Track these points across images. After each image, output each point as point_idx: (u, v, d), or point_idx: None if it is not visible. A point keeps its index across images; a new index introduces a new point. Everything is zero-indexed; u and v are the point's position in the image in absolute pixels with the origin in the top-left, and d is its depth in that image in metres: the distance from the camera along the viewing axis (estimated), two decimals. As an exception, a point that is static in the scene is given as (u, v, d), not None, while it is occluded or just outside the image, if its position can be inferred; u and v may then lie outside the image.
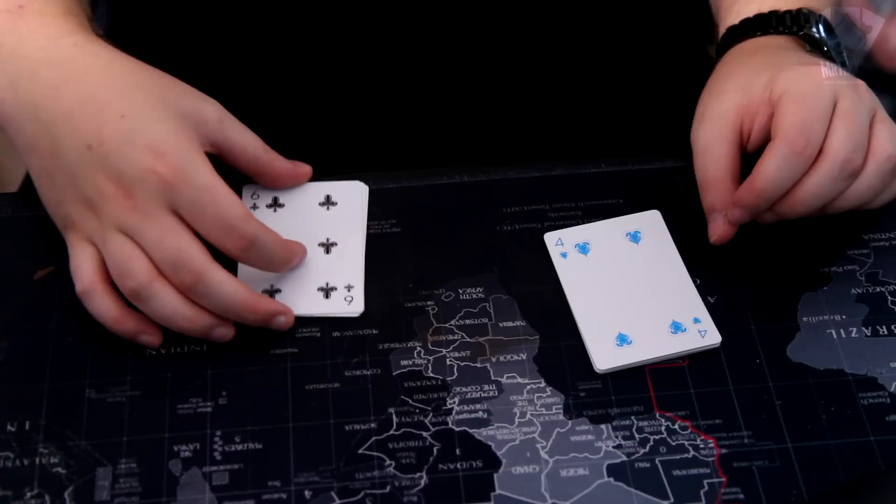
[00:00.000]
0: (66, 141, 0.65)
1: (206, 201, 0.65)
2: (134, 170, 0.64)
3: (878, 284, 0.73)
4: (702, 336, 0.69)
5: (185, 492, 0.63)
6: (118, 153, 0.64)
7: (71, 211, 0.66)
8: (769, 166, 0.69)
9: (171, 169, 0.64)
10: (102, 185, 0.65)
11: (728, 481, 0.64)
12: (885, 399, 0.68)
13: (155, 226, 0.64)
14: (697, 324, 0.69)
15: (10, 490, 0.63)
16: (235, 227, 0.65)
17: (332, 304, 0.70)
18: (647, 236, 0.74)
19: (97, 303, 0.66)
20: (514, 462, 0.65)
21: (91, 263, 0.66)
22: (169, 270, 0.65)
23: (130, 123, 0.65)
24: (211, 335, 0.67)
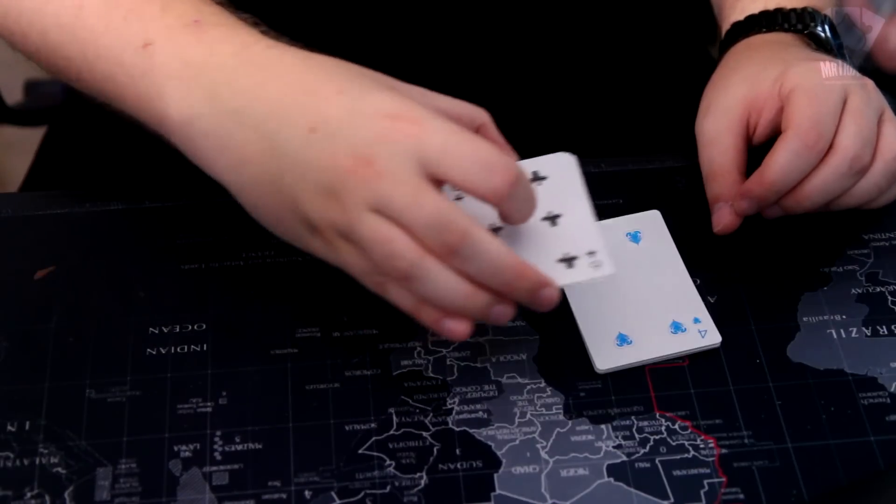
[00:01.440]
0: (285, 133, 0.59)
1: (458, 140, 0.58)
2: (370, 135, 0.58)
3: (878, 284, 0.73)
4: (702, 336, 0.69)
5: (185, 492, 0.63)
6: (348, 124, 0.58)
7: (310, 209, 0.59)
8: (780, 159, 0.69)
9: (410, 121, 0.58)
10: (339, 163, 0.58)
11: (728, 481, 0.64)
12: (885, 399, 0.68)
13: (406, 189, 0.57)
14: (697, 324, 0.69)
15: (10, 490, 0.63)
16: (498, 160, 0.58)
17: (579, 271, 0.64)
18: (647, 236, 0.74)
19: (403, 294, 0.60)
20: (514, 462, 0.65)
21: (368, 263, 0.59)
22: (431, 235, 0.57)
23: (351, 96, 0.59)
24: (490, 314, 0.60)
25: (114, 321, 0.70)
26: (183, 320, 0.70)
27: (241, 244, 0.74)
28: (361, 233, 0.58)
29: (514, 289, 0.60)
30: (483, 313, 0.60)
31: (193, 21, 0.63)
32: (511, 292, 0.60)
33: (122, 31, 0.64)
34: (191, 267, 0.73)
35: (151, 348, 0.69)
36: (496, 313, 0.60)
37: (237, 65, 0.62)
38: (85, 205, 0.76)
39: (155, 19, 0.64)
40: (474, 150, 0.58)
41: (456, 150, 0.58)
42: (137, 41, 0.63)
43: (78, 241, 0.74)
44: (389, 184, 0.57)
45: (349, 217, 0.58)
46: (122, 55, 0.64)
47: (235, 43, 0.63)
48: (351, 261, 0.60)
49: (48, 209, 0.76)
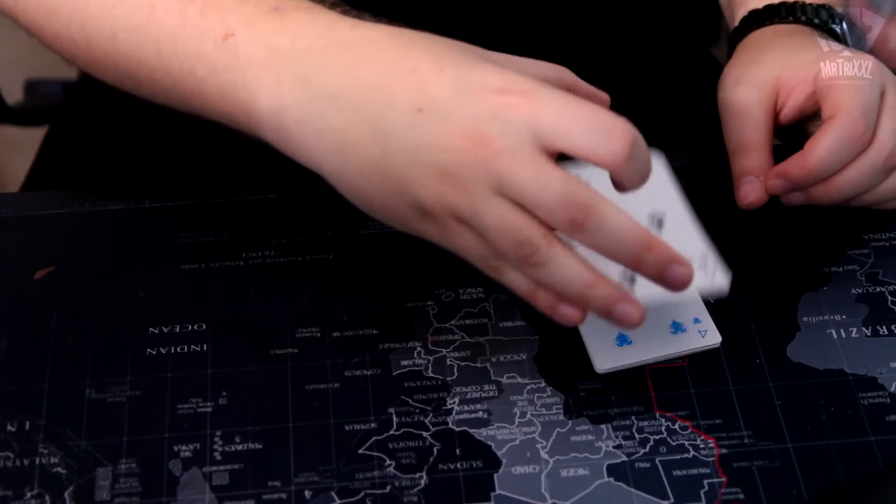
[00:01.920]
0: (389, 116, 0.57)
1: (572, 108, 0.56)
2: (482, 111, 0.56)
3: (878, 284, 0.73)
4: (702, 336, 0.69)
5: (185, 492, 0.63)
6: (456, 103, 0.56)
7: (422, 194, 0.57)
8: (827, 144, 0.68)
9: (520, 92, 0.56)
10: (452, 142, 0.56)
11: (728, 481, 0.64)
12: (885, 399, 0.68)
13: (528, 167, 0.55)
14: (697, 324, 0.69)
15: (10, 490, 0.63)
16: (613, 123, 0.56)
17: (687, 340, 0.68)
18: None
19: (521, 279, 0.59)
20: (514, 462, 0.65)
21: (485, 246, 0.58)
22: (558, 211, 0.56)
23: (455, 72, 0.57)
24: (614, 310, 0.58)
25: (114, 321, 0.70)
26: (183, 320, 0.70)
27: (241, 244, 0.74)
28: (487, 219, 0.56)
29: (643, 261, 0.58)
30: (605, 307, 0.58)
31: (273, 8, 0.61)
32: (640, 266, 0.58)
33: (199, 24, 0.62)
34: (191, 267, 0.73)
35: (151, 348, 0.69)
36: (620, 310, 0.59)
37: (326, 46, 0.59)
38: (85, 205, 0.76)
39: (233, 10, 0.61)
40: (589, 116, 0.56)
41: (571, 118, 0.56)
42: (217, 34, 0.61)
43: (78, 241, 0.74)
44: (510, 162, 0.55)
45: (472, 201, 0.56)
46: (202, 49, 0.61)
47: (320, 24, 0.60)
48: (469, 245, 0.58)
49: (48, 209, 0.76)
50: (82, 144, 0.97)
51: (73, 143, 0.98)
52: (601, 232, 0.56)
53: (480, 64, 0.58)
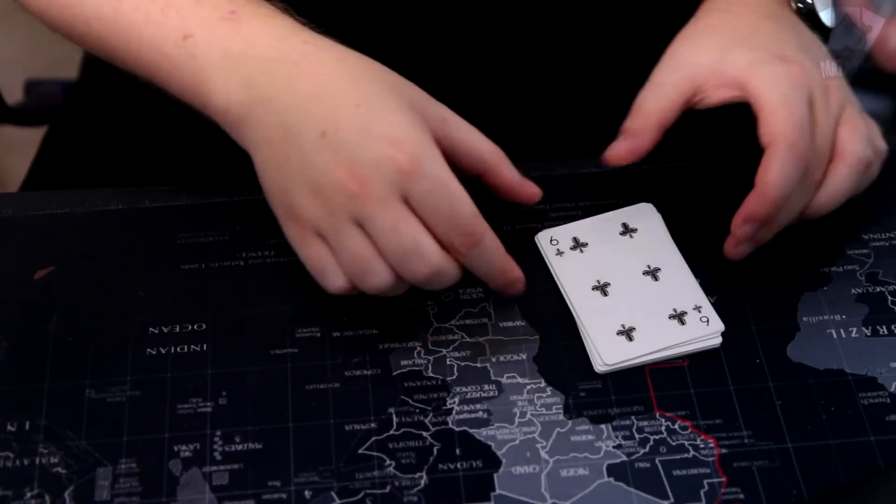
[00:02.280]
0: (300, 129, 0.64)
1: (440, 193, 0.63)
2: (370, 157, 0.63)
3: (878, 284, 0.73)
4: (705, 324, 0.69)
5: (185, 492, 0.63)
6: (354, 140, 0.63)
7: (297, 200, 0.65)
8: (777, 173, 0.68)
9: (408, 158, 0.63)
10: (335, 171, 0.63)
11: (728, 481, 0.64)
12: (885, 399, 0.68)
13: (388, 214, 0.63)
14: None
15: (10, 490, 0.63)
16: (466, 223, 0.64)
17: (690, 329, 0.69)
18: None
19: (374, 280, 0.66)
20: (514, 462, 0.65)
21: (331, 259, 0.66)
22: (402, 260, 0.64)
23: (367, 112, 0.64)
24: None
25: (114, 321, 0.70)
26: (183, 320, 0.70)
27: (241, 244, 0.74)
28: (342, 241, 0.65)
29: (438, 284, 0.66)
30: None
31: (229, 12, 0.68)
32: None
33: (161, 23, 0.69)
34: (191, 267, 0.73)
35: (151, 348, 0.69)
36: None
37: (274, 57, 0.67)
38: (85, 205, 0.76)
39: (191, 12, 0.68)
40: (450, 207, 0.64)
41: (434, 202, 0.63)
42: (177, 33, 0.68)
43: (78, 241, 0.74)
44: (373, 205, 0.63)
45: (333, 222, 0.64)
46: (164, 46, 0.69)
47: (272, 35, 0.67)
48: (316, 257, 0.66)
49: (48, 209, 0.76)
50: (82, 144, 0.97)
51: (72, 143, 0.98)
52: (439, 286, 0.66)
53: (394, 112, 0.65)
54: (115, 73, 0.97)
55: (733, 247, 0.71)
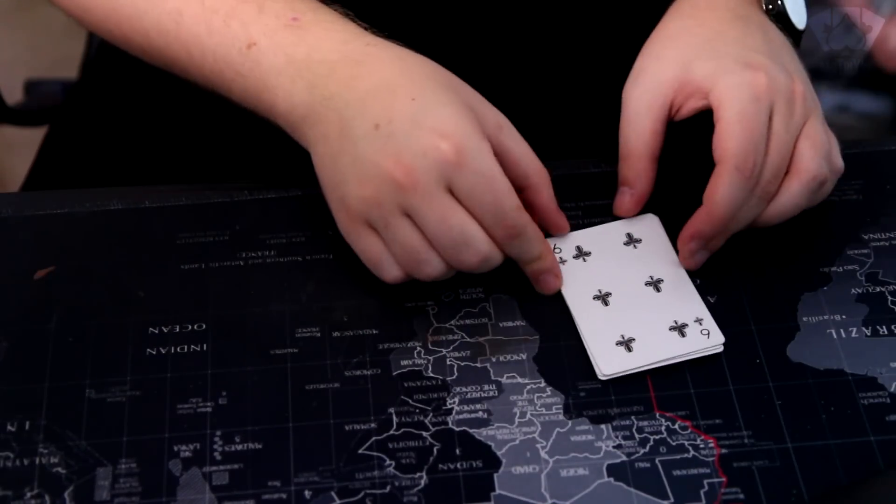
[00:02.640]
0: (356, 122, 0.66)
1: (485, 186, 0.65)
2: (418, 147, 0.64)
3: (878, 284, 0.73)
4: (705, 337, 0.69)
5: (185, 492, 0.63)
6: (404, 132, 0.65)
7: (348, 192, 0.66)
8: (723, 192, 0.69)
9: (455, 150, 0.64)
10: (384, 162, 0.65)
11: (728, 481, 0.64)
12: (885, 399, 0.68)
13: (436, 206, 0.64)
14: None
15: (10, 490, 0.63)
16: (508, 214, 0.66)
17: (691, 341, 0.69)
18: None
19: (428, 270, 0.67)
20: (514, 462, 0.65)
21: (385, 250, 0.67)
22: (451, 250, 0.66)
23: (420, 105, 0.66)
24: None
25: (114, 321, 0.70)
26: (183, 320, 0.70)
27: (241, 244, 0.74)
28: (394, 232, 0.66)
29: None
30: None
31: (291, 19, 0.70)
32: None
33: (224, 33, 0.71)
34: (191, 267, 0.73)
35: (151, 348, 0.69)
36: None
37: (337, 59, 0.68)
38: (85, 205, 0.76)
39: (254, 21, 0.70)
40: (494, 200, 0.65)
41: (479, 194, 0.65)
42: (241, 42, 0.70)
43: (78, 241, 0.74)
44: (421, 197, 0.64)
45: (382, 214, 0.66)
46: (229, 55, 0.71)
47: (335, 39, 0.69)
48: (369, 247, 0.68)
49: (48, 209, 0.76)
50: (82, 144, 0.97)
51: (73, 143, 0.98)
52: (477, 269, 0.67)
53: (448, 107, 0.66)
54: (115, 73, 0.97)
55: (685, 259, 0.72)
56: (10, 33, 0.76)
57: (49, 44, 1.12)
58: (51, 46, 1.18)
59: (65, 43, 0.76)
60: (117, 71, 0.97)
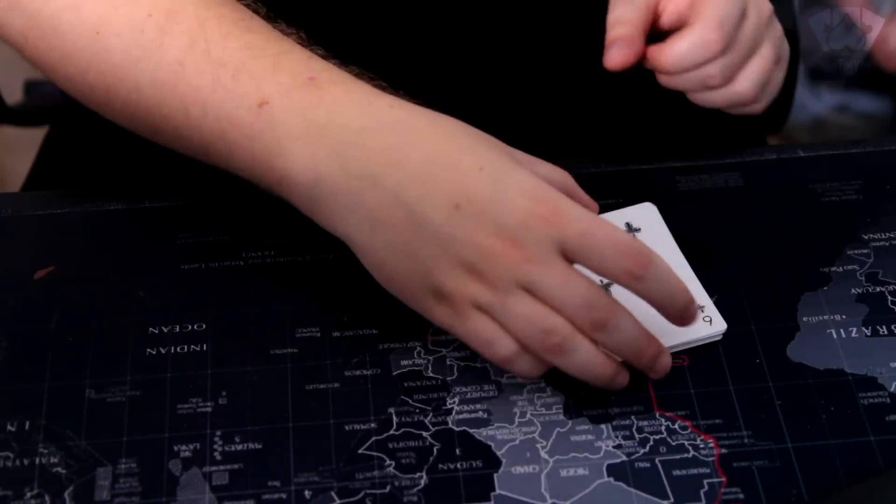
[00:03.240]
0: (427, 204, 0.60)
1: (594, 228, 0.61)
2: (515, 218, 0.60)
3: (878, 284, 0.73)
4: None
5: (185, 492, 0.63)
6: (493, 206, 0.60)
7: (446, 282, 0.61)
8: (679, 48, 0.71)
9: (551, 209, 0.61)
10: (484, 242, 0.60)
11: (728, 481, 0.64)
12: (885, 399, 0.68)
13: (554, 271, 0.60)
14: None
15: (10, 490, 0.63)
16: (632, 244, 0.61)
17: (694, 329, 0.67)
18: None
19: (531, 364, 0.63)
20: (514, 462, 0.65)
21: (497, 328, 0.62)
22: (582, 312, 0.61)
23: (492, 173, 0.61)
24: (614, 382, 0.64)
25: (114, 321, 0.70)
26: (183, 320, 0.70)
27: (241, 244, 0.74)
28: (511, 308, 0.61)
29: (642, 355, 0.64)
30: (608, 382, 0.64)
31: (308, 78, 0.63)
32: (638, 361, 0.64)
33: (232, 89, 0.63)
34: (191, 267, 0.73)
35: (151, 348, 0.69)
36: (619, 381, 0.64)
37: (365, 126, 0.62)
38: (85, 205, 0.76)
39: (267, 78, 0.63)
40: (608, 237, 0.61)
41: (593, 237, 0.61)
42: (252, 100, 0.63)
43: (78, 241, 0.74)
44: (537, 266, 0.60)
45: (499, 294, 0.60)
46: (235, 114, 0.63)
47: (358, 102, 0.63)
48: (482, 330, 0.62)
49: (48, 209, 0.76)
50: (82, 144, 0.97)
51: (73, 143, 0.98)
52: (619, 332, 0.62)
53: (514, 168, 0.62)
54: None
55: (619, 53, 0.72)
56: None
57: (49, 44, 1.12)
58: (51, 46, 1.18)
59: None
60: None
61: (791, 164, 0.79)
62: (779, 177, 0.78)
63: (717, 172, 0.78)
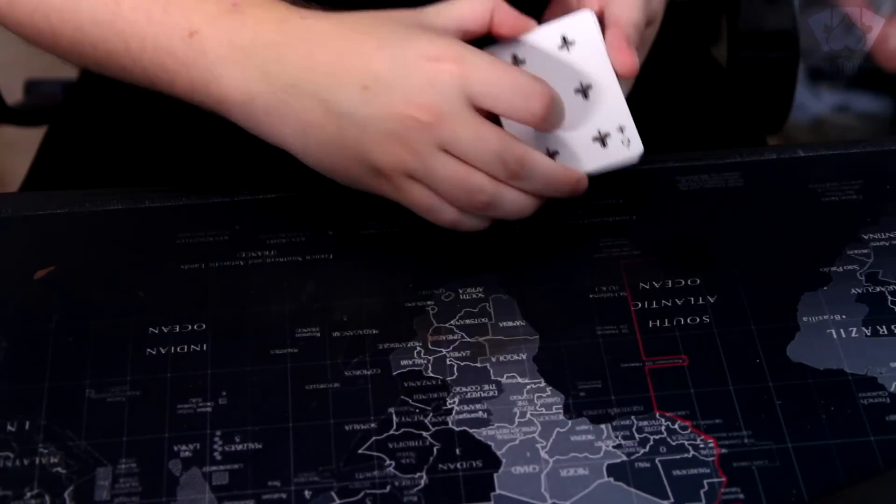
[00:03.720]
0: (339, 96, 0.65)
1: (496, 73, 0.65)
2: (420, 81, 0.64)
3: (878, 284, 0.73)
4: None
5: (185, 492, 0.63)
6: (397, 78, 0.65)
7: (377, 158, 0.66)
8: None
9: (455, 61, 0.64)
10: (398, 112, 0.64)
11: (728, 481, 0.64)
12: (885, 399, 0.68)
13: (465, 126, 0.64)
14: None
15: (10, 490, 0.63)
16: (532, 87, 0.65)
17: (612, 151, 0.68)
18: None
19: (477, 221, 0.68)
20: (514, 462, 0.65)
21: (433, 195, 0.67)
22: (495, 163, 0.65)
23: (391, 49, 0.65)
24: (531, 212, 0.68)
25: (114, 321, 0.70)
26: (183, 320, 0.70)
27: (241, 244, 0.74)
28: (437, 173, 0.65)
29: (562, 191, 0.68)
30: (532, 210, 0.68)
31: (232, 4, 0.68)
32: (560, 195, 0.68)
33: (164, 22, 0.68)
34: (191, 267, 0.73)
35: (151, 348, 0.69)
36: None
37: (281, 41, 0.67)
38: (85, 205, 0.76)
39: (194, 8, 0.68)
40: (512, 81, 0.65)
41: (496, 83, 0.65)
42: (183, 30, 0.68)
43: (78, 241, 0.74)
44: (451, 124, 0.64)
45: (423, 160, 0.65)
46: (170, 45, 0.68)
47: (274, 20, 0.68)
48: (419, 198, 0.67)
49: (48, 209, 0.76)
50: (82, 144, 0.97)
51: (72, 143, 0.98)
52: (534, 175, 0.66)
53: (414, 35, 0.66)
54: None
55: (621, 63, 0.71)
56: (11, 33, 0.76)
57: (49, 44, 1.12)
58: (51, 46, 1.18)
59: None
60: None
61: (791, 164, 0.79)
62: (779, 177, 0.78)
63: (717, 172, 0.78)
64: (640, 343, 0.70)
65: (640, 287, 0.72)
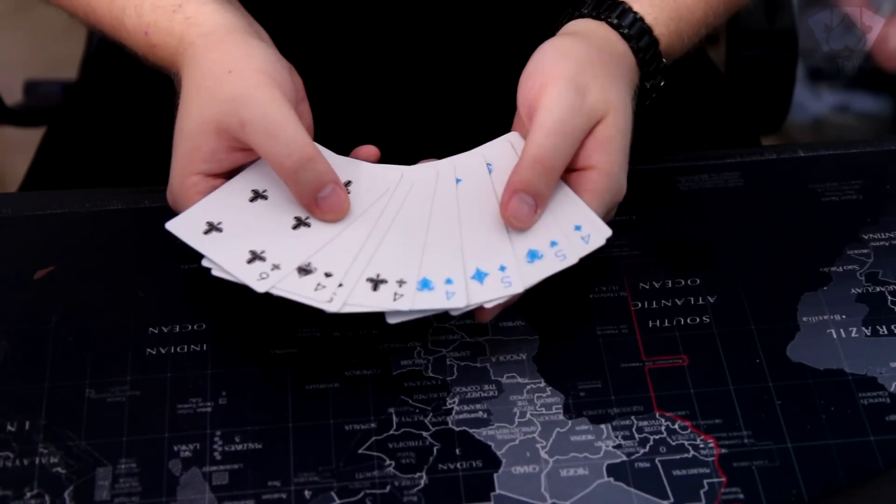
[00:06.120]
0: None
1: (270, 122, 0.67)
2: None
3: (878, 284, 0.73)
4: (585, 242, 0.67)
5: (185, 492, 0.63)
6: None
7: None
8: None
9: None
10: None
11: (728, 481, 0.64)
12: (885, 399, 0.68)
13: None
14: (579, 231, 0.67)
15: (10, 490, 0.63)
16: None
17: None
18: (496, 168, 0.71)
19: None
20: (513, 462, 0.65)
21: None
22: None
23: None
24: None
25: (114, 321, 0.70)
26: (183, 320, 0.70)
27: (241, 244, 0.74)
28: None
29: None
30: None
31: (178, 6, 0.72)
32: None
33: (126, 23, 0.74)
34: (191, 267, 0.73)
35: (151, 348, 0.69)
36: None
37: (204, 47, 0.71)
38: (85, 205, 0.76)
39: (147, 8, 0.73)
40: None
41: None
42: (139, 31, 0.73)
43: (78, 241, 0.74)
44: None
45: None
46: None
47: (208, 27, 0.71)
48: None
49: (48, 209, 0.76)
50: (81, 145, 0.97)
51: (71, 144, 0.98)
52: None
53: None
54: (114, 73, 0.97)
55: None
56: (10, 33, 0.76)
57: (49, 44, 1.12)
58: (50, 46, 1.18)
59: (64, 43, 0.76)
60: (116, 71, 0.97)
61: (791, 164, 0.79)
62: (779, 177, 0.78)
63: (717, 172, 0.78)
64: (640, 343, 0.70)
65: (640, 287, 0.72)
